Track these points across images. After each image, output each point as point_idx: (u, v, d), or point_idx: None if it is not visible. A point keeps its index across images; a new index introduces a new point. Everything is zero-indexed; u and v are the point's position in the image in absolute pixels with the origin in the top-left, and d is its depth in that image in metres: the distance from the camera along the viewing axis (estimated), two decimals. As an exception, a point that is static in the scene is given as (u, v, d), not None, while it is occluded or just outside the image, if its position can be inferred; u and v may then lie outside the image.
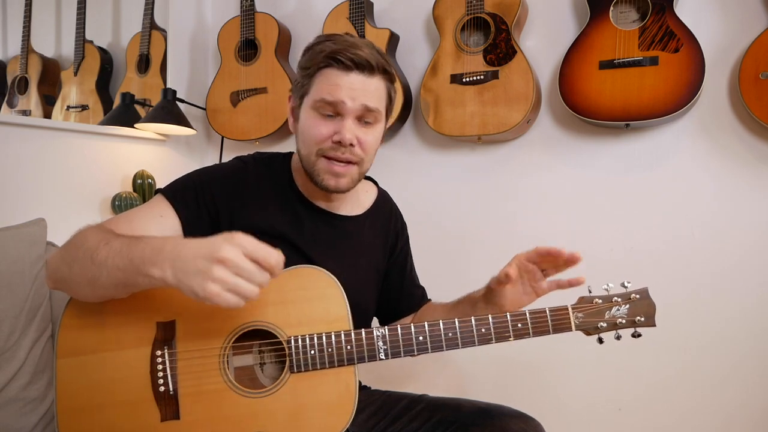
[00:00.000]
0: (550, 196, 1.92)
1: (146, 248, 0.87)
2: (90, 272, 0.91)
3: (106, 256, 0.90)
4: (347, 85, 1.06)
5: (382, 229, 1.30)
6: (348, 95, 1.06)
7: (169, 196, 1.11)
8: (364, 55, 1.06)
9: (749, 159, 1.69)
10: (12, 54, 2.10)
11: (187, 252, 0.83)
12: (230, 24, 2.20)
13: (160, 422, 0.99)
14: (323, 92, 1.07)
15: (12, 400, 1.31)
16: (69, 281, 0.97)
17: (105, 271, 0.89)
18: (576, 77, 1.71)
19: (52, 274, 0.99)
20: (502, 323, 1.05)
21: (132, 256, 0.87)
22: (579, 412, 1.88)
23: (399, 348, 1.03)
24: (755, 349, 1.69)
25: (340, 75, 1.06)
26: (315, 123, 1.09)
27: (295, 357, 1.01)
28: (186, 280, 0.83)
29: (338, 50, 1.05)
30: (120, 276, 0.89)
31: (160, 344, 1.01)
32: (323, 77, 1.08)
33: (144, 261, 0.86)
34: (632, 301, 1.07)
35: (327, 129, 1.08)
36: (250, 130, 2.16)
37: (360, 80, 1.07)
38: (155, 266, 0.85)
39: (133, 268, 0.87)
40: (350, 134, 1.07)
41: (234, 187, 1.14)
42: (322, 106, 1.08)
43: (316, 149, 1.10)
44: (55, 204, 1.87)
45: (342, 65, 1.06)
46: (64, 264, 0.96)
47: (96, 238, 0.94)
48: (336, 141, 1.08)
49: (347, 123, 1.08)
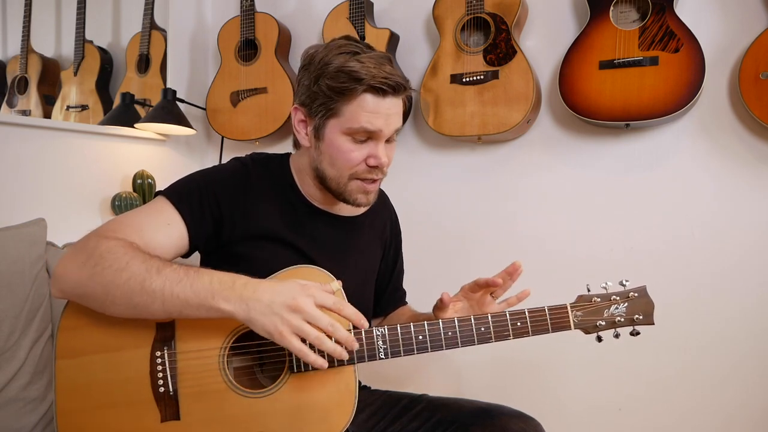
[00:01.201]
0: (550, 196, 1.92)
1: (213, 282, 0.92)
2: (138, 299, 0.93)
3: (162, 286, 0.92)
4: (384, 112, 1.07)
5: (379, 229, 1.31)
6: (385, 122, 1.08)
7: (174, 199, 1.09)
8: (397, 78, 1.06)
9: (749, 159, 1.69)
10: (12, 54, 2.09)
11: (263, 294, 0.91)
12: (230, 24, 2.20)
13: (161, 423, 1.00)
14: (362, 121, 1.06)
15: (12, 400, 1.31)
16: (99, 300, 0.96)
17: (160, 299, 0.93)
18: (576, 77, 1.71)
19: (71, 289, 0.98)
20: (502, 322, 1.05)
21: (197, 288, 0.92)
22: (579, 412, 1.88)
23: (399, 347, 1.03)
24: (755, 349, 1.69)
25: (377, 102, 1.06)
26: (349, 148, 1.09)
27: (295, 357, 1.01)
28: (261, 320, 0.90)
29: (375, 76, 1.04)
30: (178, 305, 0.93)
31: (160, 345, 1.01)
32: (360, 104, 1.06)
33: (213, 295, 0.91)
34: (631, 300, 1.07)
35: (361, 154, 1.09)
36: (250, 130, 2.16)
37: (393, 103, 1.08)
38: (227, 301, 0.91)
39: (197, 300, 0.92)
40: (386, 158, 1.11)
41: (236, 189, 1.14)
42: (360, 134, 1.08)
43: (350, 173, 1.11)
44: (55, 204, 1.86)
45: (380, 92, 1.05)
46: (96, 285, 0.95)
47: (141, 264, 0.94)
48: (373, 165, 1.10)
49: (381, 148, 1.10)
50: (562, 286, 1.16)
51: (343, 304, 0.94)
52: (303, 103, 1.13)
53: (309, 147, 1.14)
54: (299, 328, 0.90)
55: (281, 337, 0.90)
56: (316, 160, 1.14)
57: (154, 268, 0.94)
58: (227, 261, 1.08)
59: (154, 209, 1.10)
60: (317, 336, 0.91)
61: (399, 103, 1.10)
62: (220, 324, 1.02)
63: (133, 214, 1.10)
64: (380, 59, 1.07)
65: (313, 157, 1.14)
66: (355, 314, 0.95)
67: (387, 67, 1.06)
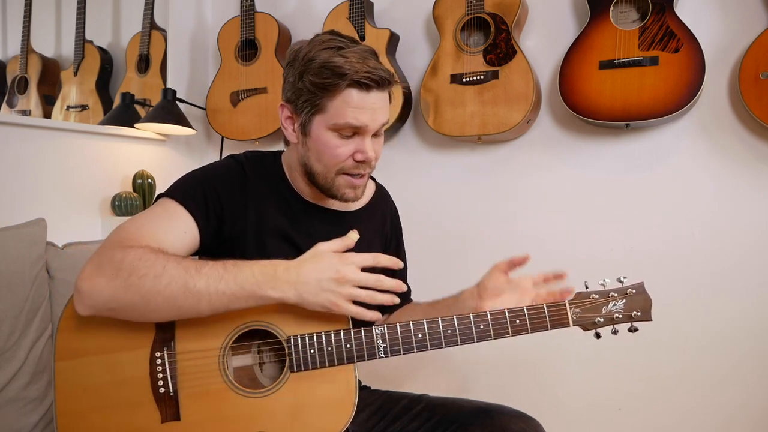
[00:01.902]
0: (550, 196, 1.92)
1: (255, 273, 0.97)
2: (183, 301, 0.95)
3: (206, 286, 0.95)
4: (369, 107, 1.07)
5: (379, 225, 1.30)
6: (370, 117, 1.07)
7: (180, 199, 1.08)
8: (382, 73, 1.06)
9: (749, 159, 1.70)
10: (12, 54, 2.09)
11: (308, 276, 0.97)
12: (230, 24, 2.20)
13: (161, 423, 1.00)
14: (348, 117, 1.06)
15: (12, 400, 1.31)
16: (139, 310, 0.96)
17: (206, 299, 0.95)
18: (576, 77, 1.71)
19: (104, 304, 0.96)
20: (501, 320, 1.05)
21: (241, 282, 0.96)
22: (579, 411, 1.88)
23: (398, 346, 1.03)
24: (755, 349, 1.69)
25: (362, 96, 1.06)
26: (335, 144, 1.09)
27: (294, 356, 1.01)
28: (313, 299, 0.97)
29: (359, 71, 1.04)
30: (225, 301, 0.96)
31: (159, 345, 1.01)
32: (344, 99, 1.06)
33: (260, 285, 0.96)
34: (629, 296, 1.07)
35: (348, 149, 1.09)
36: (250, 130, 2.16)
37: (378, 97, 1.08)
38: (274, 289, 0.96)
39: (245, 293, 0.96)
40: (373, 153, 1.10)
41: (234, 185, 1.14)
42: (346, 129, 1.08)
43: (336, 168, 1.11)
44: (55, 204, 1.87)
45: (364, 87, 1.05)
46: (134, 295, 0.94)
47: (178, 266, 0.95)
48: (360, 160, 1.10)
49: (368, 142, 1.09)
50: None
51: (378, 257, 1.01)
52: (289, 100, 1.13)
53: (297, 143, 1.15)
54: (352, 295, 0.98)
55: (338, 308, 0.97)
56: (304, 156, 1.14)
57: (193, 268, 0.96)
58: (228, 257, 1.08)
59: (163, 211, 1.08)
60: (369, 294, 0.98)
61: (384, 97, 1.09)
62: (219, 324, 1.02)
63: (142, 219, 1.07)
64: (364, 53, 1.07)
65: (301, 154, 1.14)
66: (389, 259, 1.02)
67: (371, 62, 1.06)
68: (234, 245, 1.12)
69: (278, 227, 1.15)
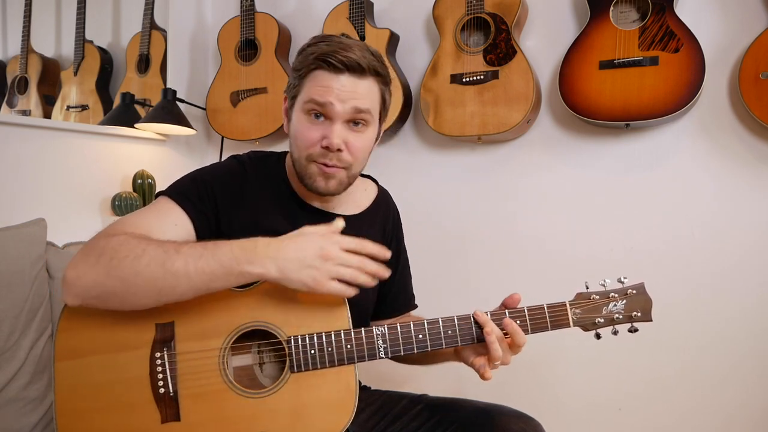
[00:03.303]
0: (550, 196, 1.92)
1: (234, 249, 0.94)
2: (163, 282, 0.93)
3: (185, 264, 0.93)
4: (337, 87, 1.05)
5: (380, 230, 1.29)
6: (337, 97, 1.05)
7: (176, 197, 1.09)
8: (355, 57, 1.04)
9: (749, 159, 1.69)
10: (12, 54, 2.09)
11: (291, 252, 0.95)
12: (230, 24, 2.20)
13: (161, 424, 0.99)
14: (313, 93, 1.06)
15: (12, 400, 1.31)
16: (120, 295, 0.95)
17: (185, 278, 0.93)
18: (576, 77, 1.71)
19: (86, 291, 0.95)
20: (501, 320, 1.05)
21: (220, 258, 0.93)
22: (579, 412, 1.88)
23: (399, 346, 1.03)
24: (755, 349, 1.69)
25: (330, 77, 1.05)
26: (305, 127, 1.09)
27: (295, 357, 1.01)
28: (295, 275, 0.94)
29: (328, 52, 1.04)
30: (205, 279, 0.94)
31: (159, 345, 1.01)
32: (313, 79, 1.07)
33: (239, 261, 0.93)
34: (629, 297, 1.07)
35: (316, 133, 1.08)
36: (250, 130, 2.16)
37: (350, 82, 1.06)
38: (253, 264, 0.93)
39: (223, 270, 0.93)
40: (338, 139, 1.06)
41: (233, 187, 1.14)
42: (312, 107, 1.07)
43: (306, 154, 1.09)
44: (55, 204, 1.87)
45: (332, 67, 1.05)
46: (115, 279, 0.93)
47: (158, 247, 0.94)
48: (324, 146, 1.07)
49: (336, 127, 1.07)
50: (562, 285, 1.16)
51: (364, 243, 0.99)
52: (285, 92, 1.16)
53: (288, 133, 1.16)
54: (336, 272, 0.96)
55: (320, 286, 0.95)
56: (290, 146, 1.14)
57: (172, 248, 0.95)
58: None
59: (159, 209, 1.09)
60: (352, 273, 0.96)
61: (360, 84, 1.07)
62: (219, 324, 1.02)
63: (138, 216, 1.08)
64: (349, 43, 1.07)
65: (290, 145, 1.15)
66: (376, 247, 1.00)
67: (353, 50, 1.05)
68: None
69: (275, 228, 1.14)
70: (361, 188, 1.28)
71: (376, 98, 1.11)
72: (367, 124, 1.11)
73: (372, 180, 1.34)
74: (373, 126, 1.13)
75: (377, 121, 1.14)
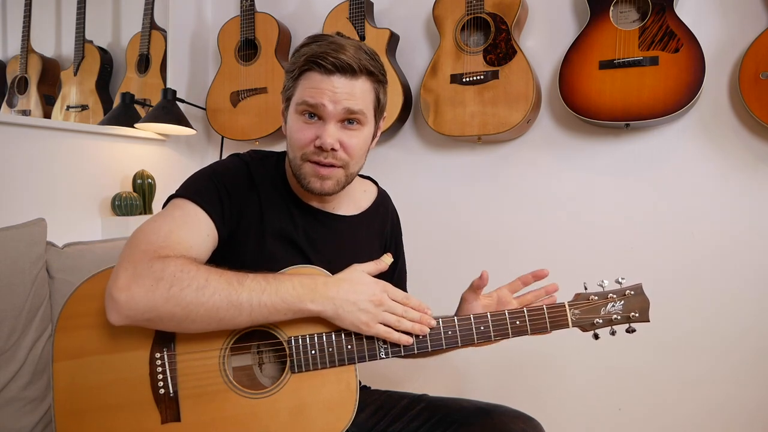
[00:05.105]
0: (550, 196, 1.92)
1: (296, 286, 1.00)
2: (225, 313, 0.96)
3: (249, 298, 0.96)
4: (329, 88, 1.05)
5: (378, 231, 1.29)
6: (329, 98, 1.05)
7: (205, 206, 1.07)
8: (346, 58, 1.04)
9: (749, 159, 1.70)
10: (12, 54, 2.09)
11: (347, 294, 1.02)
12: (230, 24, 2.20)
13: (161, 424, 0.99)
14: (305, 95, 1.07)
15: (12, 400, 1.31)
16: (176, 320, 0.95)
17: (248, 311, 0.97)
18: (576, 77, 1.71)
19: (141, 314, 0.94)
20: (501, 321, 1.05)
21: (283, 295, 0.99)
22: (579, 412, 1.88)
23: (399, 346, 1.03)
24: (755, 349, 1.69)
25: (321, 78, 1.06)
26: (299, 127, 1.09)
27: (295, 357, 1.01)
28: (348, 316, 1.02)
29: (320, 53, 1.04)
30: (265, 313, 0.98)
31: (159, 346, 1.01)
32: (305, 81, 1.07)
33: (302, 299, 0.99)
34: (627, 297, 1.08)
35: (310, 133, 1.08)
36: (250, 130, 2.16)
37: (342, 83, 1.06)
38: (313, 303, 1.00)
39: (285, 306, 0.99)
40: (331, 139, 1.07)
41: (242, 185, 1.14)
42: (305, 108, 1.07)
43: (301, 153, 1.10)
44: (55, 204, 1.87)
45: (323, 69, 1.05)
46: (175, 306, 0.94)
47: (220, 278, 0.96)
48: (317, 146, 1.07)
49: (329, 127, 1.07)
50: (562, 285, 1.16)
51: (409, 297, 1.07)
52: (281, 93, 1.16)
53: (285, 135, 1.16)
54: (382, 318, 1.03)
55: (369, 328, 1.02)
56: (287, 147, 1.15)
57: (235, 281, 0.97)
58: (232, 256, 1.08)
59: (185, 215, 1.07)
60: (397, 320, 1.04)
61: (353, 85, 1.07)
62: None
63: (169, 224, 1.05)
64: (342, 43, 1.07)
65: (287, 145, 1.15)
66: (419, 304, 1.07)
67: (345, 50, 1.05)
68: (236, 243, 1.12)
69: (279, 228, 1.15)
70: (360, 189, 1.28)
71: (369, 98, 1.11)
72: (362, 123, 1.11)
73: (372, 181, 1.34)
74: (368, 125, 1.12)
75: (372, 120, 1.14)
